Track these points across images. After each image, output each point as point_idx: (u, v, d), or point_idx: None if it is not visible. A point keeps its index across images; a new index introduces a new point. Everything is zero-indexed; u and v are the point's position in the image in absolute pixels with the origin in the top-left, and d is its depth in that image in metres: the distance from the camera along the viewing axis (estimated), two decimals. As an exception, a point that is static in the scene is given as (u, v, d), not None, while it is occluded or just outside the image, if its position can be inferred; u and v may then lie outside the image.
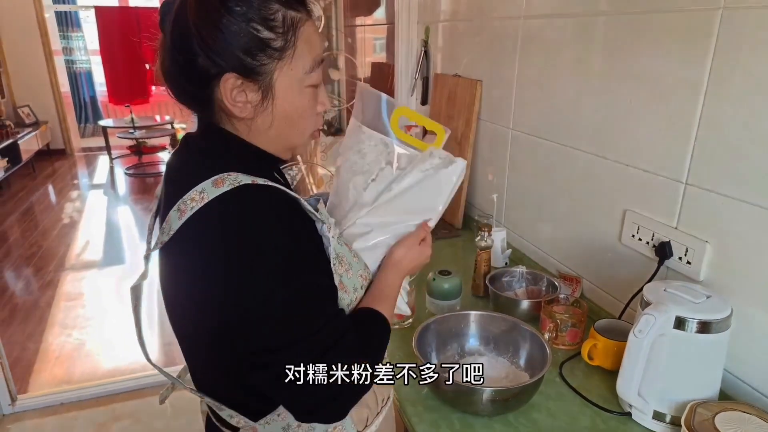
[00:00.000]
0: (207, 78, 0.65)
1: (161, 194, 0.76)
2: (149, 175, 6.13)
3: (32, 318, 3.00)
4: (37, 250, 3.94)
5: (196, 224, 0.63)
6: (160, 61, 0.69)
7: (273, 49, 0.65)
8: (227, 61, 0.64)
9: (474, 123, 1.74)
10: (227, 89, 0.65)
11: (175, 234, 0.64)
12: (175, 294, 0.73)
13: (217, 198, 0.62)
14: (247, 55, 0.64)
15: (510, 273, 1.35)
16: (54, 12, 6.70)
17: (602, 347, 1.03)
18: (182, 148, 0.76)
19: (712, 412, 0.80)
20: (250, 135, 0.71)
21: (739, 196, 0.91)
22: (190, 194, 0.63)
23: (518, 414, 0.94)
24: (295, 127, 0.72)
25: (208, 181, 0.63)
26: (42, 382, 2.45)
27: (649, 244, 1.10)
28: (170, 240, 0.65)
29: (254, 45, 0.64)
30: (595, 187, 1.26)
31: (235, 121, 0.69)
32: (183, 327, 0.76)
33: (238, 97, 0.66)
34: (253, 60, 0.64)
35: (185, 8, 0.64)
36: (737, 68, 0.89)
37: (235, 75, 0.64)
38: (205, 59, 0.64)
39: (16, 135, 5.50)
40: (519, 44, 1.48)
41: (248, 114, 0.68)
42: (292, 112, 0.70)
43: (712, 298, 0.87)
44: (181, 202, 0.64)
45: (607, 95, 1.18)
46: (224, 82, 0.65)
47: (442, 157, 0.78)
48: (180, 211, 0.64)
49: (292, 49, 0.66)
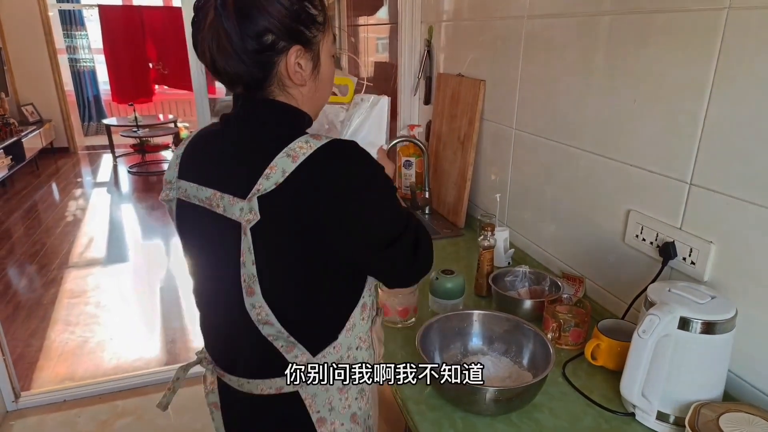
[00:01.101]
0: (275, 52, 0.75)
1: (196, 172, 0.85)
2: (152, 173, 6.14)
3: (35, 315, 3.01)
4: (40, 247, 3.95)
5: (315, 165, 0.73)
6: (207, 46, 0.76)
7: (319, 23, 0.78)
8: (293, 35, 0.76)
9: (477, 122, 1.74)
10: (291, 61, 0.76)
11: (283, 184, 0.72)
12: (294, 245, 0.77)
13: (325, 145, 0.74)
14: (306, 29, 0.77)
15: (513, 273, 1.35)
16: (58, 10, 6.72)
17: (606, 347, 1.03)
18: (231, 122, 0.83)
19: (716, 413, 0.80)
20: (299, 101, 0.82)
21: (744, 197, 0.91)
22: (295, 143, 0.74)
23: (521, 414, 0.94)
24: (326, 90, 0.87)
25: (306, 136, 0.75)
26: (45, 379, 2.46)
27: (653, 245, 1.10)
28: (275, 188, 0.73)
29: (309, 20, 0.77)
30: (598, 186, 1.26)
31: (291, 90, 0.80)
32: (290, 280, 0.81)
33: (298, 67, 0.78)
34: (309, 32, 0.77)
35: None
36: (742, 68, 0.88)
37: (299, 47, 0.77)
38: (275, 36, 0.74)
39: (20, 133, 5.51)
40: (522, 44, 1.48)
41: (302, 81, 0.80)
42: (327, 77, 0.85)
43: (716, 299, 0.87)
44: (289, 149, 0.73)
45: (611, 95, 1.18)
46: (290, 55, 0.76)
47: (369, 100, 1.02)
48: (291, 156, 0.73)
49: (326, 23, 0.80)
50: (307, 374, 0.84)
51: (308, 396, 0.85)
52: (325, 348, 0.84)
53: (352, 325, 0.86)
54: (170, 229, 4.42)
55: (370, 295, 0.89)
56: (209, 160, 0.83)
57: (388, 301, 1.21)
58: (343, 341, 0.85)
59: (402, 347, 1.15)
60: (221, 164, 0.81)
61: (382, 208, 0.79)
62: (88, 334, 2.83)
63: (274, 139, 0.75)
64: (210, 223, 0.80)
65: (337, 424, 0.88)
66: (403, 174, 2.15)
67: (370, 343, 0.90)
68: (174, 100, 7.75)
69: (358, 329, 0.87)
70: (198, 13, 0.76)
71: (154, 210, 4.88)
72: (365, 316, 0.88)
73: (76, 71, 7.11)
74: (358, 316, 0.86)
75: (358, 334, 0.87)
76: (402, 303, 1.21)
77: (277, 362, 0.83)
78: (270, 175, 0.73)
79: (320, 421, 0.87)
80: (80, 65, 7.11)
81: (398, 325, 1.22)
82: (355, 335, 0.87)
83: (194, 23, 0.77)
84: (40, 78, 6.27)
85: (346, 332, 0.85)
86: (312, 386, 0.85)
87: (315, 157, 0.73)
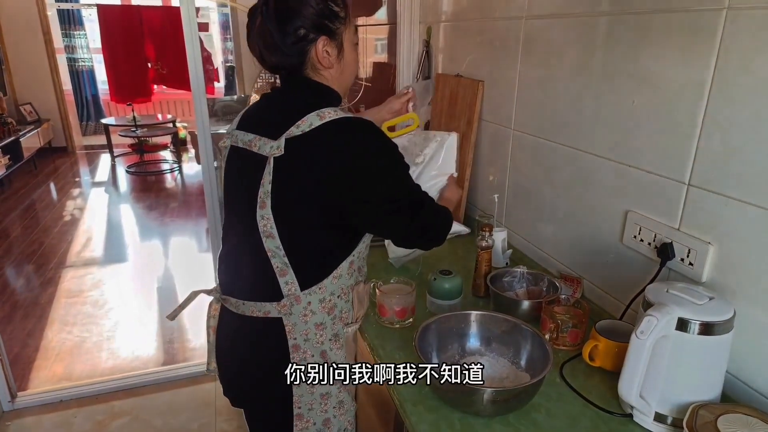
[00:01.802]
0: (307, 42, 0.97)
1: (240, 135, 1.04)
2: (151, 173, 6.13)
3: (32, 315, 3.01)
4: (38, 247, 3.94)
5: (338, 126, 0.93)
6: (257, 43, 0.99)
7: (341, 18, 0.99)
8: (320, 28, 0.97)
9: (475, 123, 1.74)
10: (320, 48, 0.97)
11: (308, 132, 0.92)
12: (307, 185, 0.94)
13: (349, 117, 0.95)
14: (330, 22, 0.97)
15: (511, 273, 1.35)
16: (56, 10, 6.71)
17: (603, 348, 1.03)
18: (274, 95, 1.07)
19: (714, 415, 0.80)
20: (332, 81, 1.03)
21: (742, 198, 0.91)
22: (326, 109, 0.94)
23: (519, 415, 0.94)
24: (351, 73, 1.07)
25: (335, 107, 0.96)
26: (42, 379, 2.45)
27: (651, 245, 1.10)
28: (298, 140, 0.93)
29: (333, 16, 0.98)
30: (596, 187, 1.26)
31: (322, 71, 1.01)
32: (299, 215, 0.97)
33: (325, 54, 0.98)
34: (333, 25, 0.98)
35: (286, 1, 0.95)
36: (741, 69, 0.88)
37: (325, 37, 0.97)
38: (306, 30, 0.96)
39: (18, 132, 5.50)
40: (521, 45, 1.48)
41: (330, 65, 1.00)
42: (351, 61, 1.05)
43: (714, 300, 0.87)
44: (319, 111, 0.93)
45: (610, 96, 1.17)
46: (318, 43, 0.97)
47: (440, 138, 1.34)
48: (320, 116, 0.93)
49: (348, 18, 1.01)
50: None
51: (289, 323, 1.01)
52: (313, 286, 1.00)
53: (339, 275, 1.02)
54: (167, 228, 4.42)
55: (360, 259, 1.06)
56: (256, 117, 1.04)
57: (386, 302, 1.21)
58: (328, 285, 1.01)
59: (400, 348, 1.14)
60: (264, 119, 1.02)
61: (386, 174, 0.96)
62: (86, 334, 2.83)
63: (307, 105, 0.95)
64: (246, 160, 0.99)
65: (308, 354, 1.03)
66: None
67: (350, 298, 1.06)
68: (173, 100, 7.74)
69: (343, 280, 1.03)
70: (250, 19, 0.99)
71: (152, 210, 4.87)
72: (351, 272, 1.04)
73: (74, 71, 7.10)
74: (345, 269, 1.02)
75: (342, 285, 1.03)
76: (399, 303, 1.20)
77: (270, 287, 0.99)
78: (300, 125, 0.93)
79: (295, 347, 1.02)
80: (79, 65, 7.10)
81: (396, 325, 1.22)
82: (339, 284, 1.03)
83: (248, 27, 1.00)
84: (39, 77, 6.26)
85: (333, 278, 1.01)
86: (293, 317, 1.00)
87: (339, 122, 0.93)
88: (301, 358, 1.02)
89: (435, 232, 1.08)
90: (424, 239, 1.08)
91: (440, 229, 1.09)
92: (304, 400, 1.05)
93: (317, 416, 1.07)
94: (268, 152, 0.94)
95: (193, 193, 5.43)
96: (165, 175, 6.13)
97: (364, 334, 1.21)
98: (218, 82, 7.32)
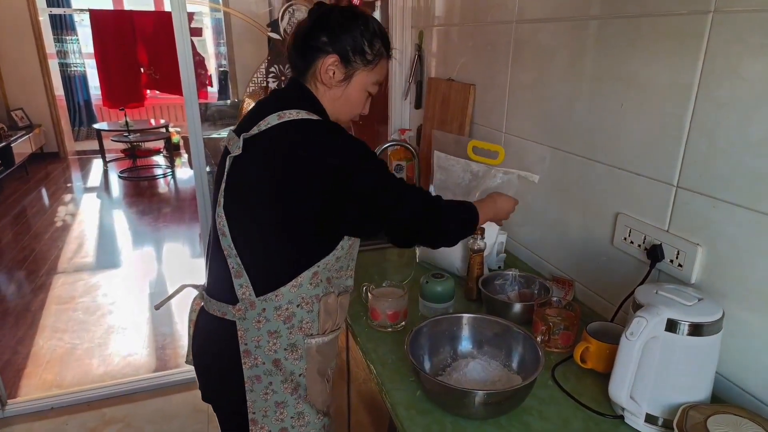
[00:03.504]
0: (319, 51, 1.01)
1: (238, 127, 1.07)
2: (143, 178, 6.10)
3: (23, 321, 2.98)
4: (29, 253, 3.91)
5: (294, 126, 0.95)
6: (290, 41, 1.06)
7: (365, 59, 1.03)
8: (338, 47, 1.00)
9: (467, 126, 1.74)
10: (326, 63, 1.01)
11: (264, 131, 0.95)
12: (256, 184, 0.97)
13: (312, 119, 0.96)
14: (351, 51, 1.01)
15: (503, 276, 1.35)
16: (48, 15, 6.67)
17: (595, 350, 1.03)
18: (275, 94, 1.09)
19: (704, 415, 0.80)
20: (323, 97, 1.05)
21: (730, 199, 0.92)
22: (290, 110, 0.96)
23: (511, 417, 0.94)
24: (348, 109, 1.07)
25: (303, 111, 0.97)
26: (32, 387, 2.43)
27: (641, 247, 1.10)
28: (256, 141, 0.96)
29: (358, 49, 1.01)
30: (587, 190, 1.26)
31: (319, 84, 1.04)
32: (250, 215, 0.98)
33: (329, 71, 1.02)
34: (352, 56, 1.01)
35: (330, 11, 1.02)
36: (728, 71, 0.89)
37: (338, 57, 1.01)
38: (326, 40, 1.00)
39: (9, 138, 5.46)
40: (512, 48, 1.49)
41: (329, 83, 1.03)
42: (352, 99, 1.06)
43: (703, 301, 0.87)
44: (282, 111, 0.96)
45: (599, 99, 1.18)
46: (328, 57, 1.01)
47: (510, 178, 1.37)
48: (279, 116, 0.95)
49: (373, 65, 1.04)
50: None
51: (242, 328, 1.00)
52: (269, 292, 0.98)
53: (299, 284, 0.99)
54: (160, 234, 4.40)
55: (328, 270, 1.02)
56: (247, 117, 1.05)
57: (378, 305, 1.21)
58: (285, 293, 0.98)
59: (392, 351, 1.14)
60: (248, 119, 1.03)
61: (348, 172, 0.92)
62: (77, 341, 2.80)
63: (286, 106, 0.97)
64: (224, 160, 1.02)
65: (259, 361, 1.01)
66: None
67: (315, 308, 1.02)
68: (165, 105, 7.71)
69: (304, 290, 1.00)
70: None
71: (145, 215, 4.85)
72: (316, 282, 1.00)
73: (66, 76, 7.06)
74: (306, 279, 0.99)
75: (302, 294, 1.00)
76: (392, 307, 1.20)
77: (229, 288, 1.00)
78: (260, 124, 0.95)
79: (246, 353, 1.01)
80: (71, 70, 7.07)
81: (388, 329, 1.22)
82: (299, 294, 0.99)
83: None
84: (30, 83, 6.22)
85: (291, 287, 0.98)
86: (247, 322, 1.00)
87: (296, 122, 0.95)
88: (252, 364, 1.01)
89: (431, 228, 1.01)
90: (418, 236, 1.02)
91: (441, 225, 1.03)
92: (258, 405, 1.04)
93: (272, 424, 1.05)
94: (233, 151, 0.98)
95: (186, 198, 5.41)
96: (158, 180, 6.10)
97: (357, 338, 1.21)
98: (211, 87, 7.30)
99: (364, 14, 1.04)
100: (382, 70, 1.07)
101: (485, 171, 1.42)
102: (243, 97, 4.59)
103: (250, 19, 3.83)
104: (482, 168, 1.43)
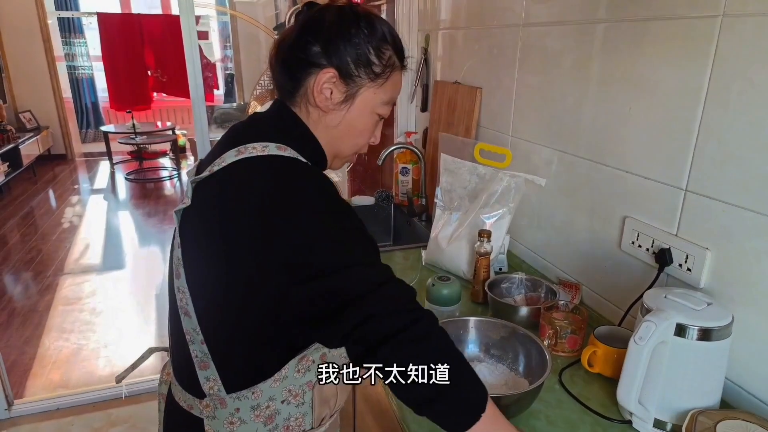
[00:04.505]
0: (311, 65, 0.77)
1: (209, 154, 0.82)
2: (150, 180, 6.13)
3: (30, 322, 2.99)
4: (36, 254, 3.93)
5: (251, 166, 0.71)
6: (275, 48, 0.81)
7: (372, 72, 0.78)
8: (336, 59, 0.76)
9: (474, 130, 1.74)
10: (321, 80, 0.76)
11: (216, 174, 0.72)
12: (208, 250, 0.73)
13: (276, 155, 0.72)
14: (353, 63, 0.77)
15: (509, 279, 1.35)
16: (57, 18, 6.73)
17: (602, 354, 1.02)
18: (250, 120, 0.84)
19: (714, 421, 0.80)
20: (316, 125, 0.80)
21: (739, 203, 0.91)
22: (253, 144, 0.72)
23: (517, 421, 0.93)
24: (350, 139, 0.83)
25: (273, 144, 0.73)
26: (38, 387, 2.44)
27: (649, 251, 1.10)
28: (209, 184, 0.72)
29: (362, 60, 0.77)
30: (594, 193, 1.26)
31: (311, 108, 0.79)
32: (205, 289, 0.74)
33: (325, 91, 0.77)
34: (354, 69, 0.77)
35: (324, 12, 0.77)
36: (737, 75, 0.89)
37: (335, 72, 0.76)
38: (319, 50, 0.76)
39: (17, 140, 5.51)
40: (518, 52, 1.49)
41: (324, 106, 0.78)
42: (357, 124, 0.81)
43: (713, 306, 0.87)
44: (243, 146, 0.72)
45: (607, 102, 1.18)
46: (323, 73, 0.76)
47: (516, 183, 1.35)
48: (238, 152, 0.72)
49: (383, 80, 0.79)
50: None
51: (211, 429, 0.77)
52: (243, 390, 0.74)
53: (283, 377, 0.74)
54: (166, 236, 4.41)
55: (318, 349, 0.76)
56: (227, 137, 0.82)
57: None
58: (266, 390, 0.75)
59: (398, 354, 1.14)
60: (210, 152, 0.82)
61: (304, 235, 0.67)
62: (83, 342, 2.81)
63: (253, 137, 0.74)
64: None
65: None
66: (400, 181, 2.15)
67: (306, 399, 0.78)
68: (172, 108, 7.75)
69: (290, 381, 0.75)
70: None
71: (151, 217, 4.87)
72: (303, 368, 0.75)
73: (74, 78, 7.12)
74: (292, 368, 0.75)
75: (288, 386, 0.76)
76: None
77: (193, 378, 0.76)
78: (214, 164, 0.72)
79: None
80: (79, 72, 7.12)
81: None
82: (284, 387, 0.75)
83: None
84: (38, 85, 6.27)
85: (273, 381, 0.74)
86: (217, 422, 0.77)
87: (254, 160, 0.71)
88: None
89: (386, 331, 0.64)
90: (363, 346, 0.65)
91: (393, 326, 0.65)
92: None
93: None
94: (182, 201, 0.75)
95: (192, 200, 5.43)
96: (164, 182, 6.13)
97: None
98: (218, 90, 7.34)
99: (369, 14, 0.79)
100: (394, 86, 0.81)
101: (492, 174, 1.42)
102: (249, 100, 4.61)
103: (257, 22, 3.85)
104: (489, 171, 1.43)
